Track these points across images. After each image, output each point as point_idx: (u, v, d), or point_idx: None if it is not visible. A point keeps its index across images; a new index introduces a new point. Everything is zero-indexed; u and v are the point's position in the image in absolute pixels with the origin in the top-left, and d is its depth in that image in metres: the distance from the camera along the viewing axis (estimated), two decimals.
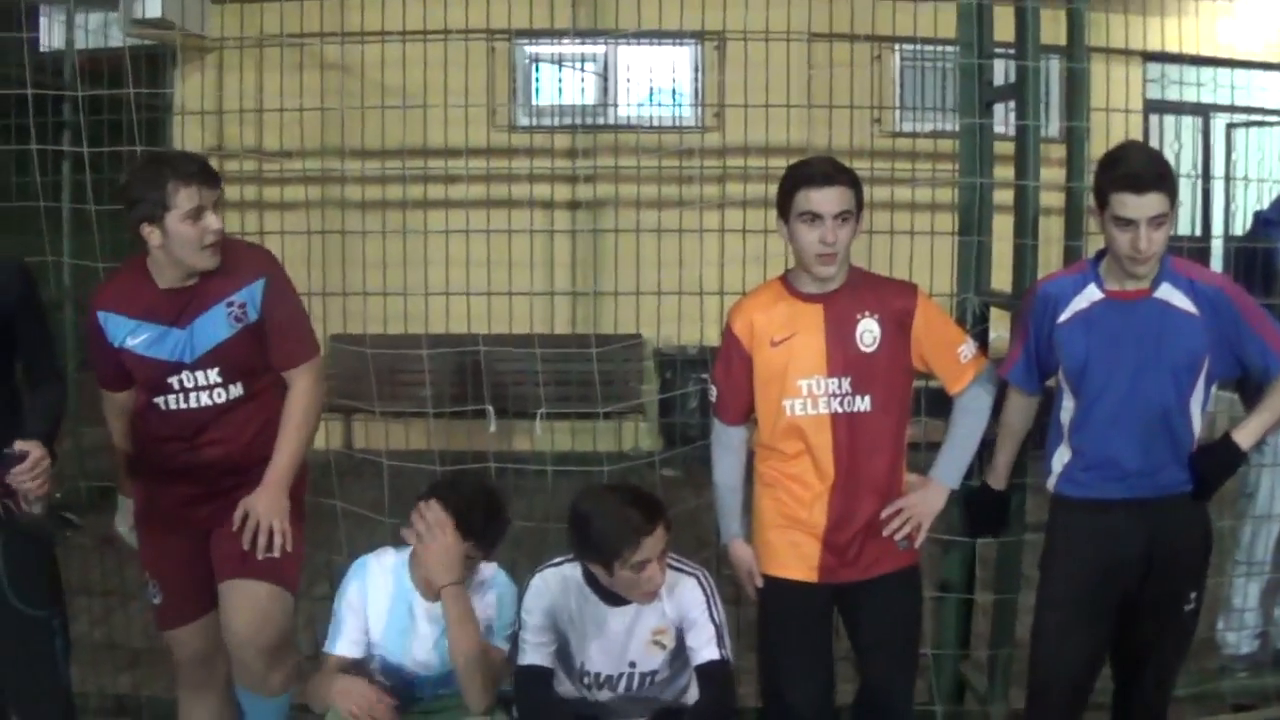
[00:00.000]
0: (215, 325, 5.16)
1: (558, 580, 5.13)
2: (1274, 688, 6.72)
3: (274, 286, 5.27)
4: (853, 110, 7.37)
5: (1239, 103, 13.71)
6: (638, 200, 8.45)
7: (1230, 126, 13.63)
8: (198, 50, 11.67)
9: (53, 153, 7.44)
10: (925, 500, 5.24)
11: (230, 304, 5.17)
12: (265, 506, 5.15)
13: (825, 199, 4.95)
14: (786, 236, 5.12)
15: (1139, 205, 4.68)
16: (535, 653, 5.08)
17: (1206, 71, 13.17)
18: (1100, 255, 4.99)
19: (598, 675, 5.19)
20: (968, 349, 5.24)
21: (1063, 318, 5.01)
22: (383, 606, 5.19)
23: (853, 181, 5.03)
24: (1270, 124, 12.99)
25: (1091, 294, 4.97)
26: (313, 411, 5.35)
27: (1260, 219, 7.07)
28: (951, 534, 6.10)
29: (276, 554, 5.16)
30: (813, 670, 5.28)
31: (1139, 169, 4.74)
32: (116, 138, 6.87)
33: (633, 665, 5.17)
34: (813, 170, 5.02)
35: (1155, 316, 4.86)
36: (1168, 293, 4.87)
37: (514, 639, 5.18)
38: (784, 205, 5.06)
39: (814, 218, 4.96)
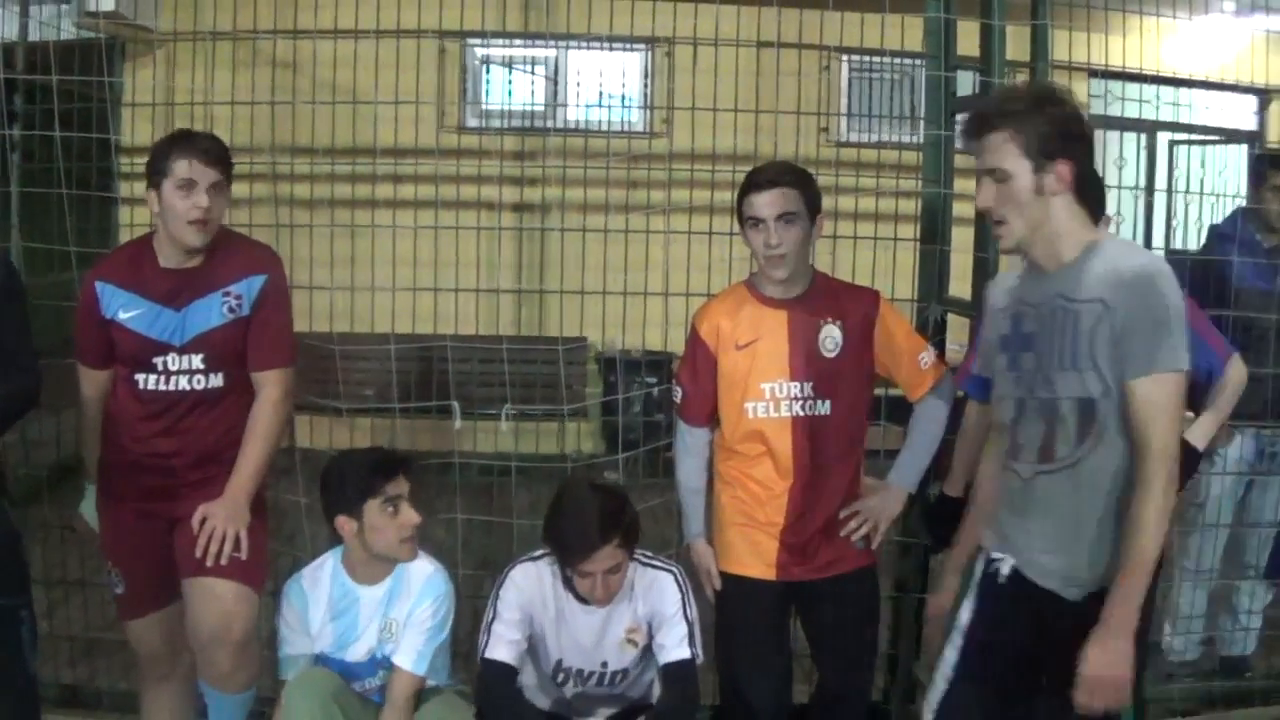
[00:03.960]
0: (209, 312, 5.21)
1: (534, 574, 5.22)
2: (1219, 692, 6.90)
3: (272, 287, 5.35)
4: (799, 118, 7.41)
5: (1184, 121, 13.86)
6: (584, 203, 8.46)
7: (1173, 143, 13.73)
8: (147, 44, 11.66)
9: (4, 141, 7.45)
10: (883, 503, 5.36)
11: (227, 293, 5.23)
12: (225, 515, 5.19)
13: (764, 202, 5.10)
14: (747, 245, 5.24)
15: None
16: (505, 649, 5.14)
17: (1150, 89, 13.29)
18: None
19: (569, 669, 5.27)
20: (928, 356, 5.37)
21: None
22: (323, 610, 5.30)
23: (799, 183, 5.16)
24: (1211, 142, 13.10)
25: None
26: (278, 422, 5.39)
27: (1215, 233, 7.22)
28: (910, 537, 6.22)
29: (225, 561, 5.18)
30: (769, 667, 5.38)
31: None
32: (66, 128, 6.87)
33: (604, 665, 5.28)
34: (756, 176, 5.18)
35: None
36: None
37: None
38: (738, 213, 5.20)
39: (757, 222, 5.08)
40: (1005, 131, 4.09)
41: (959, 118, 6.37)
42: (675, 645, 5.24)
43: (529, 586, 5.24)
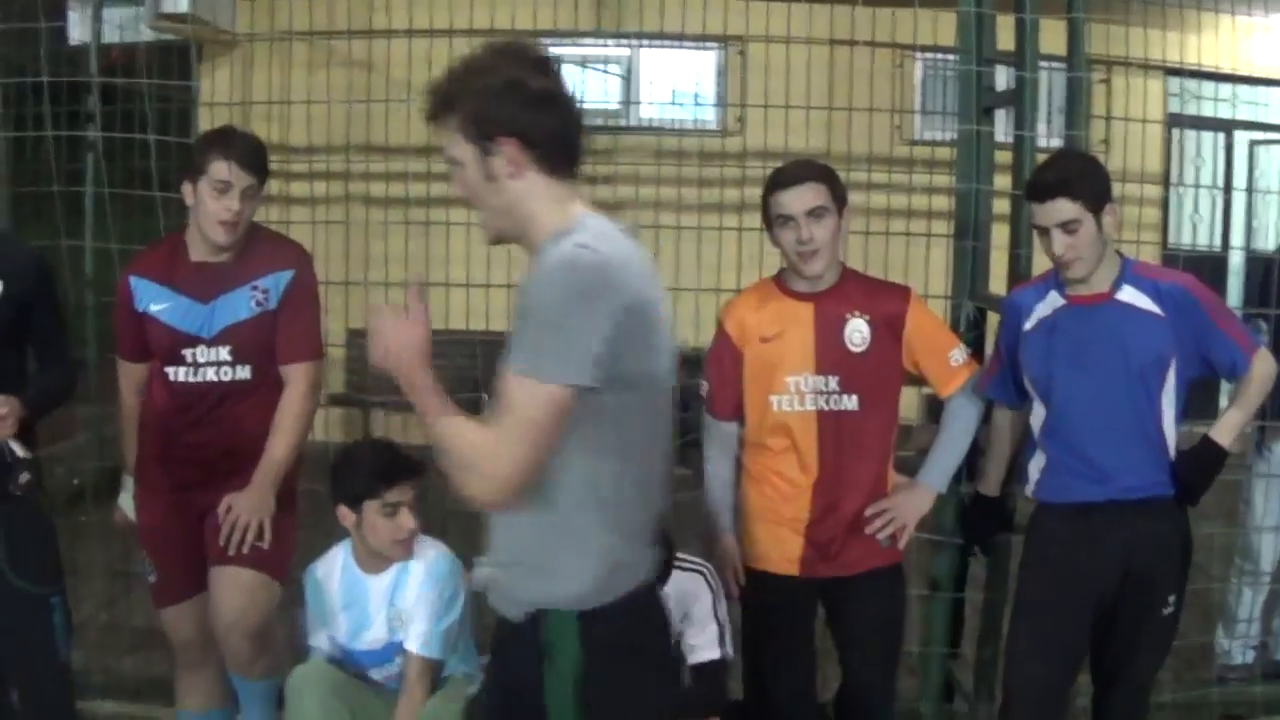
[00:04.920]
0: (237, 305, 5.28)
1: None
2: (1264, 698, 6.74)
3: (299, 281, 5.40)
4: (872, 116, 7.41)
5: (1265, 119, 13.76)
6: (656, 201, 8.49)
7: (1254, 143, 13.64)
8: (223, 45, 11.75)
9: (77, 142, 7.54)
10: (910, 502, 5.30)
11: (255, 287, 5.29)
12: (249, 505, 5.25)
13: (793, 198, 5.04)
14: (775, 243, 5.21)
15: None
16: None
17: (1228, 88, 13.21)
18: None
19: None
20: (959, 354, 5.31)
21: (1027, 326, 5.09)
22: (336, 599, 5.40)
23: (824, 177, 5.10)
24: None
25: (1054, 301, 5.04)
26: (305, 415, 5.45)
27: None
28: (941, 534, 6.19)
29: (247, 549, 5.26)
30: (793, 663, 5.35)
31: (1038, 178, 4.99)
32: (142, 129, 6.95)
33: None
34: (781, 174, 5.13)
35: (1117, 320, 4.92)
36: (1130, 295, 4.93)
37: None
38: (765, 214, 5.17)
39: (787, 219, 5.06)
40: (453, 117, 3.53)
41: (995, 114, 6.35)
42: (706, 646, 5.26)
43: None
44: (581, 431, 3.33)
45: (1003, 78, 6.40)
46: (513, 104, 3.42)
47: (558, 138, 3.48)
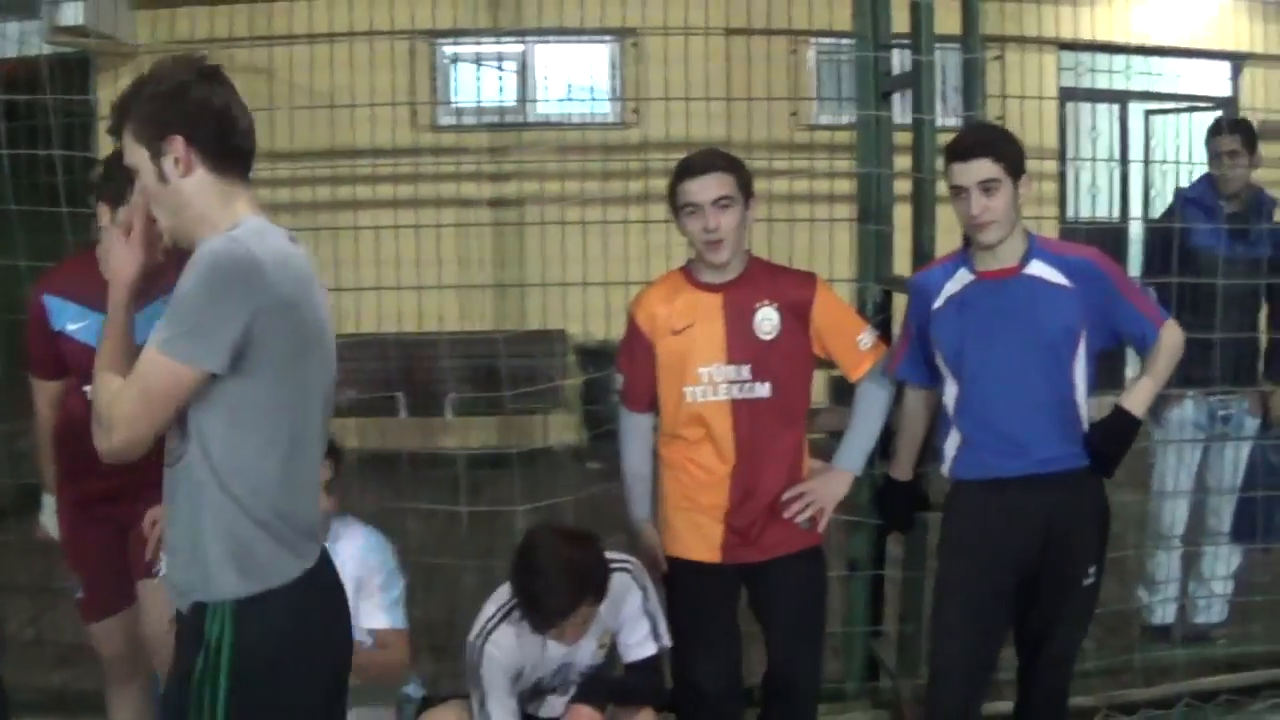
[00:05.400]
0: (153, 319, 5.23)
1: (508, 637, 5.07)
2: (1185, 660, 6.81)
3: None
4: (769, 104, 7.45)
5: (1157, 90, 13.92)
6: (561, 196, 8.51)
7: (1149, 113, 13.78)
8: (121, 56, 11.68)
9: None
10: (828, 486, 5.32)
11: (167, 301, 5.25)
12: None
13: (700, 188, 5.06)
14: (681, 233, 5.24)
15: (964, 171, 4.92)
16: (507, 716, 5.07)
17: (1122, 60, 13.35)
18: (969, 240, 5.10)
19: (551, 684, 5.28)
20: (867, 337, 5.34)
21: (936, 304, 5.12)
22: None
23: (730, 167, 5.12)
24: (1185, 110, 13.14)
25: (963, 278, 5.07)
26: None
27: (1181, 197, 7.26)
28: (858, 515, 6.24)
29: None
30: (717, 650, 5.37)
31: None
32: (39, 145, 6.90)
33: (581, 673, 5.27)
34: (688, 163, 5.13)
35: (1026, 293, 4.95)
36: (1038, 268, 4.96)
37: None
38: (671, 203, 5.19)
39: (694, 208, 5.08)
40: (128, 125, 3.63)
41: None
42: (638, 643, 5.23)
43: (507, 651, 5.12)
44: (227, 420, 3.49)
45: (898, 60, 6.44)
46: (180, 106, 3.53)
47: (223, 137, 3.59)
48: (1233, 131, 7.16)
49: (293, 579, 3.60)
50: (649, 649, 5.16)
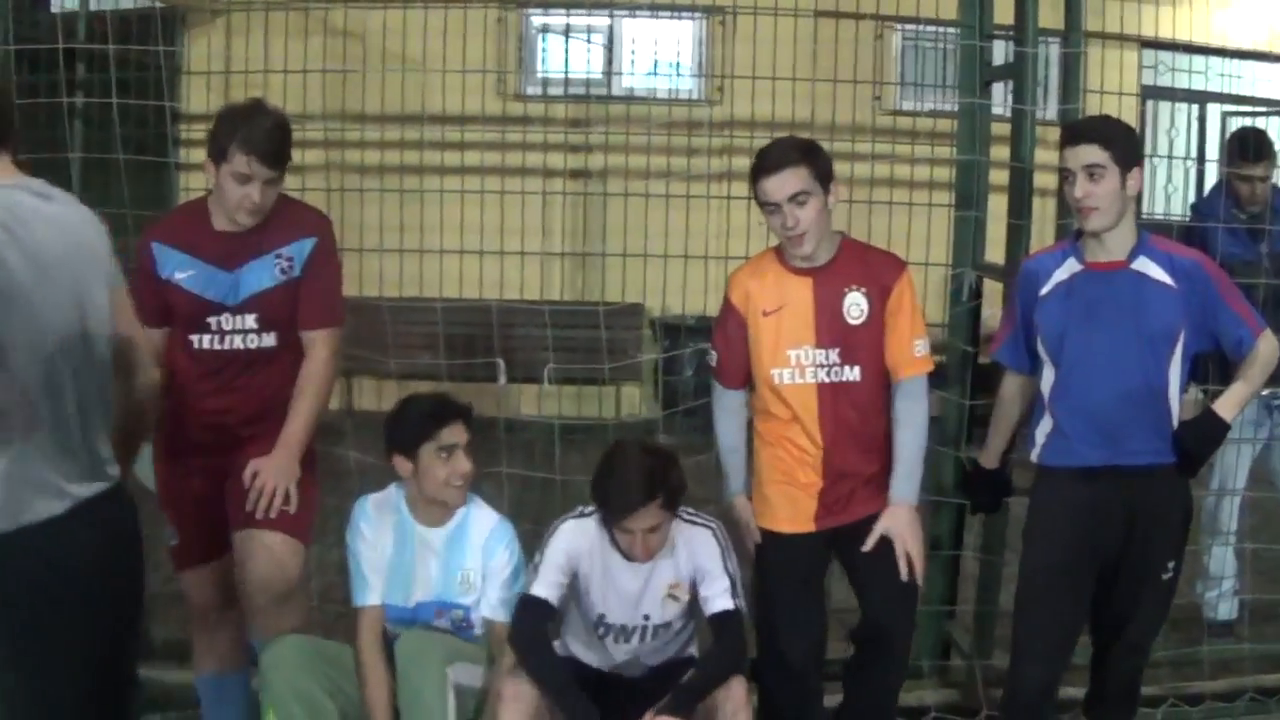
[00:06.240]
0: (262, 273, 5.31)
1: (581, 529, 5.25)
2: (1252, 654, 6.89)
3: (322, 248, 5.44)
4: (855, 86, 7.47)
5: (1236, 92, 13.86)
6: (646, 170, 8.51)
7: (1226, 114, 13.74)
8: (207, 12, 11.76)
9: (65, 109, 7.54)
10: (899, 529, 5.30)
11: (279, 255, 5.33)
12: (275, 470, 5.29)
13: (775, 186, 5.10)
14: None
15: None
16: (546, 588, 5.17)
17: (1202, 61, 13.31)
18: (1080, 231, 5.13)
19: (614, 625, 5.33)
20: (923, 346, 5.34)
21: (1044, 290, 5.17)
22: (387, 541, 5.40)
23: (806, 158, 5.14)
24: (1264, 113, 13.09)
25: (1071, 266, 5.13)
26: (328, 380, 5.49)
27: (1195, 208, 7.37)
28: (941, 495, 6.33)
29: (274, 514, 5.29)
30: (805, 622, 5.45)
31: None
32: (127, 96, 6.96)
33: (647, 618, 5.32)
34: (763, 160, 5.16)
35: (1132, 287, 5.01)
36: (1145, 265, 5.02)
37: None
38: (754, 193, 5.23)
39: (772, 205, 5.13)
40: None
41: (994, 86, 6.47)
42: (719, 596, 5.26)
43: (577, 538, 5.29)
44: None
45: (997, 51, 6.52)
46: None
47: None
48: (1265, 157, 7.21)
49: (46, 518, 3.61)
50: (728, 603, 5.21)
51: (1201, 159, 13.72)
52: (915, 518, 5.34)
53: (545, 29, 12.76)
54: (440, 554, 5.39)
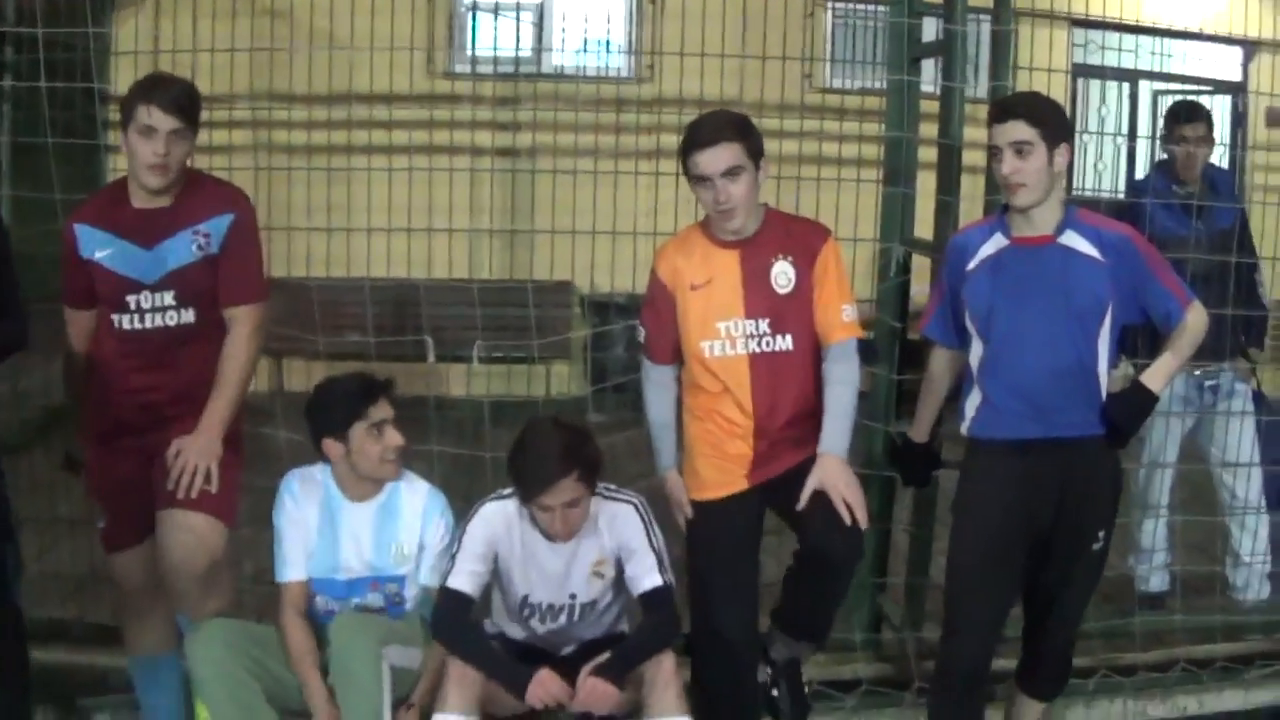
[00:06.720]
0: (179, 249, 5.30)
1: (501, 512, 5.24)
2: (1179, 627, 6.94)
3: (240, 224, 5.42)
4: (785, 64, 7.46)
5: (1168, 72, 13.94)
6: (574, 148, 8.49)
7: (1157, 93, 13.82)
8: None
9: None
10: (831, 480, 5.18)
11: (196, 231, 5.31)
12: (197, 449, 5.27)
13: (709, 160, 5.09)
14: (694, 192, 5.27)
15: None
16: (465, 579, 5.16)
17: (1132, 39, 13.36)
18: (1007, 206, 5.15)
19: (539, 605, 5.33)
20: (851, 311, 5.35)
21: (971, 265, 5.18)
22: (313, 516, 5.39)
23: (738, 134, 5.14)
24: (1195, 92, 13.18)
25: (999, 241, 5.14)
26: (249, 358, 5.47)
27: (1131, 187, 7.39)
28: (870, 468, 6.34)
29: (195, 494, 5.26)
30: (740, 594, 5.44)
31: None
32: (55, 78, 6.91)
33: (573, 597, 5.32)
34: (697, 133, 5.14)
35: (1059, 260, 5.02)
36: (1072, 239, 5.04)
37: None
38: (685, 170, 5.21)
39: (704, 179, 5.12)
40: None
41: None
42: (647, 573, 5.26)
43: (496, 522, 5.28)
44: None
45: (928, 28, 6.55)
46: None
47: None
48: (1200, 119, 7.26)
49: None
50: (657, 579, 5.20)
51: (1133, 135, 13.81)
52: (845, 466, 5.26)
53: (475, 6, 12.70)
54: (371, 528, 5.39)
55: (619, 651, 5.17)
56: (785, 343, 5.27)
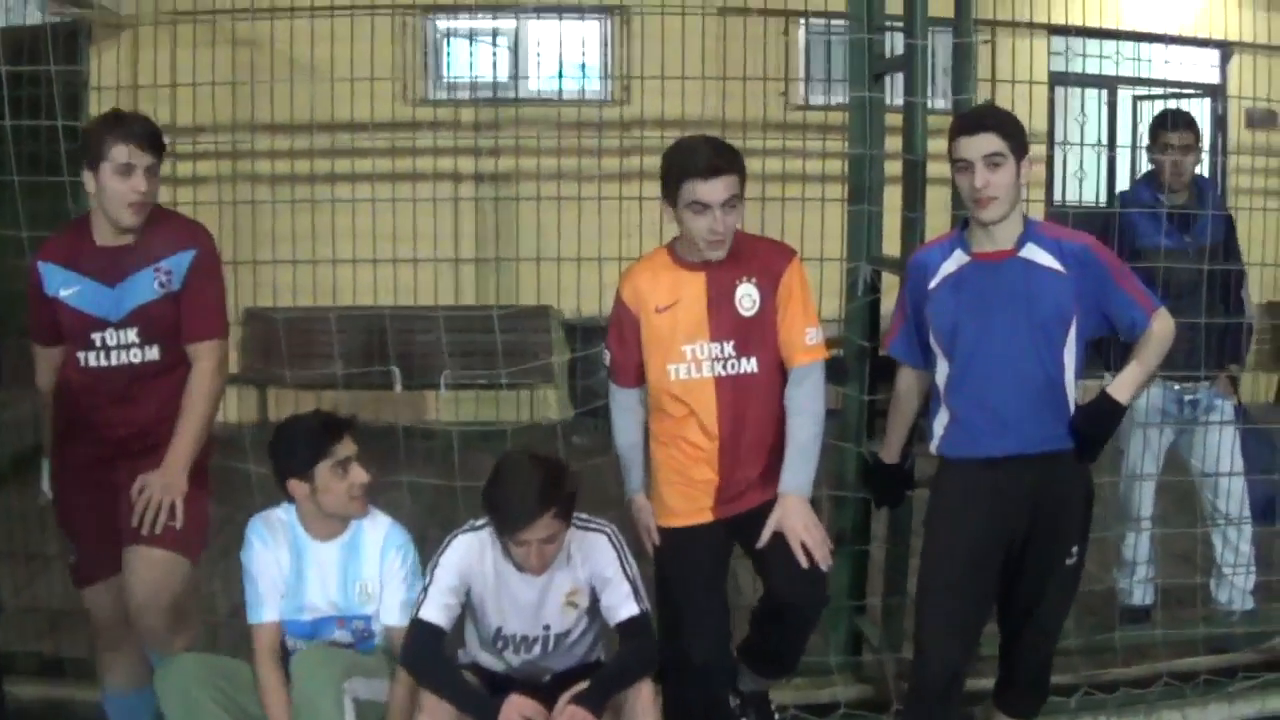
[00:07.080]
0: (142, 287, 5.31)
1: (475, 543, 5.21)
2: (1162, 640, 6.87)
3: (201, 261, 5.42)
4: (765, 83, 7.48)
5: (1147, 77, 13.96)
6: (556, 173, 8.50)
7: (1137, 99, 13.83)
8: (113, 27, 11.68)
9: None
10: (789, 522, 5.20)
11: (158, 269, 5.32)
12: (161, 485, 5.26)
13: (712, 190, 5.06)
14: (672, 218, 5.23)
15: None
16: (438, 612, 5.13)
17: (1111, 46, 13.38)
18: (967, 221, 5.15)
19: (513, 636, 5.29)
20: (816, 334, 5.32)
21: (933, 284, 5.16)
22: (285, 558, 5.35)
23: (738, 165, 5.14)
24: (1174, 96, 13.19)
25: (959, 258, 5.12)
26: (213, 392, 5.47)
27: (1120, 199, 7.39)
28: (844, 490, 6.33)
29: (160, 530, 5.26)
30: (709, 621, 5.40)
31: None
32: (36, 113, 6.91)
33: (547, 628, 5.28)
34: (699, 163, 5.09)
35: (1021, 274, 5.00)
36: (1032, 252, 5.02)
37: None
38: (670, 193, 5.17)
39: (703, 207, 5.08)
40: None
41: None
42: (623, 603, 5.24)
43: (469, 554, 5.25)
44: None
45: (890, 43, 6.51)
46: None
47: None
48: (1186, 127, 7.20)
49: None
50: (635, 608, 5.18)
51: (1112, 144, 13.81)
52: (806, 507, 5.24)
53: (450, 33, 12.72)
54: (337, 567, 5.36)
55: (598, 679, 5.13)
56: (750, 365, 5.25)
